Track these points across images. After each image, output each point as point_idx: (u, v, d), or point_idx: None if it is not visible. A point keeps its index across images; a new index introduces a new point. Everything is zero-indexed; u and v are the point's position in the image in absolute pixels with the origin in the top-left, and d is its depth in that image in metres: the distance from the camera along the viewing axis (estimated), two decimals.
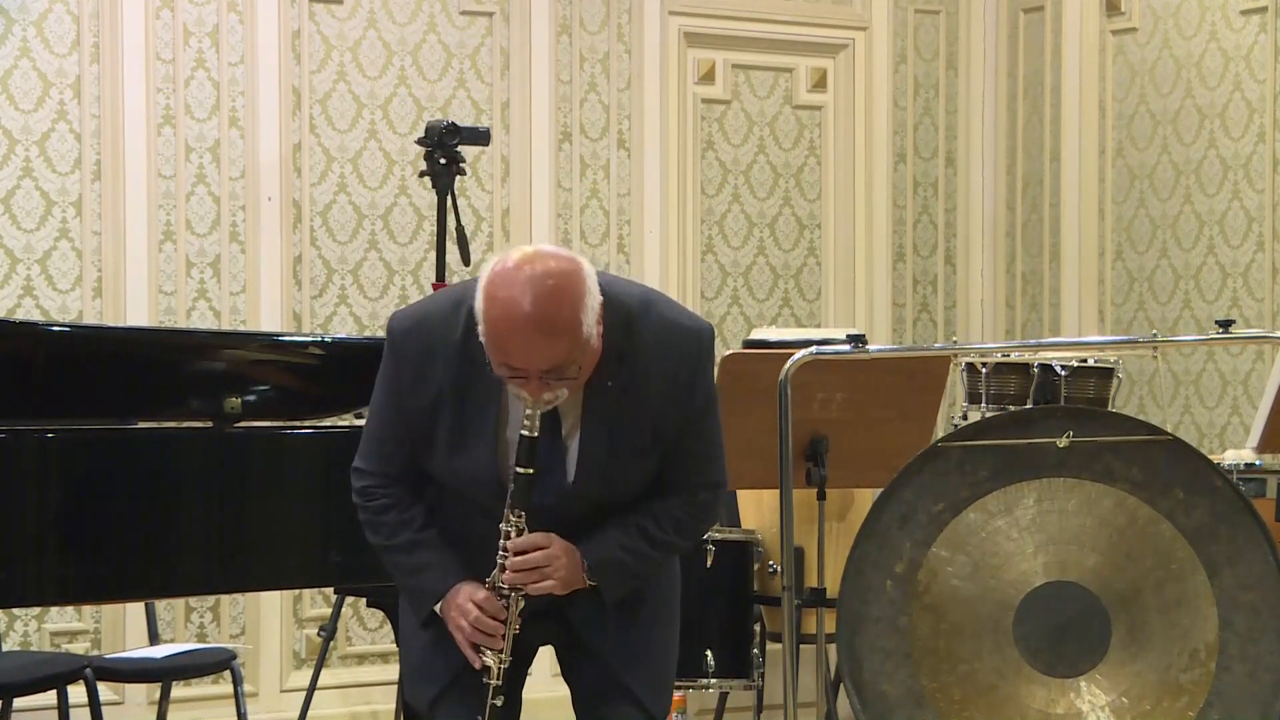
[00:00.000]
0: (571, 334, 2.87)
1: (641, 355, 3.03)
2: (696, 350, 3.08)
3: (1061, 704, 4.09)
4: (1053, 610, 4.09)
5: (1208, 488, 4.09)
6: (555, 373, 2.90)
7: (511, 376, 2.92)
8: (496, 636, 3.04)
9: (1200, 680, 4.07)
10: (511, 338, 2.87)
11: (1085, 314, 6.79)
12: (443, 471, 3.12)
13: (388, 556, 3.19)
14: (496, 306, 2.87)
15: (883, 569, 4.13)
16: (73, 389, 4.29)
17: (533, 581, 3.04)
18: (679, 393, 3.06)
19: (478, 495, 3.10)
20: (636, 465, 3.09)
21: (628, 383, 3.03)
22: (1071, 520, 4.12)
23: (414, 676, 3.25)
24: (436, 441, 3.09)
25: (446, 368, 3.04)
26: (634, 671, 3.19)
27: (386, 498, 3.17)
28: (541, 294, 2.85)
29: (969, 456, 4.13)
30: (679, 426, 3.08)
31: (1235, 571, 4.07)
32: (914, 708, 4.11)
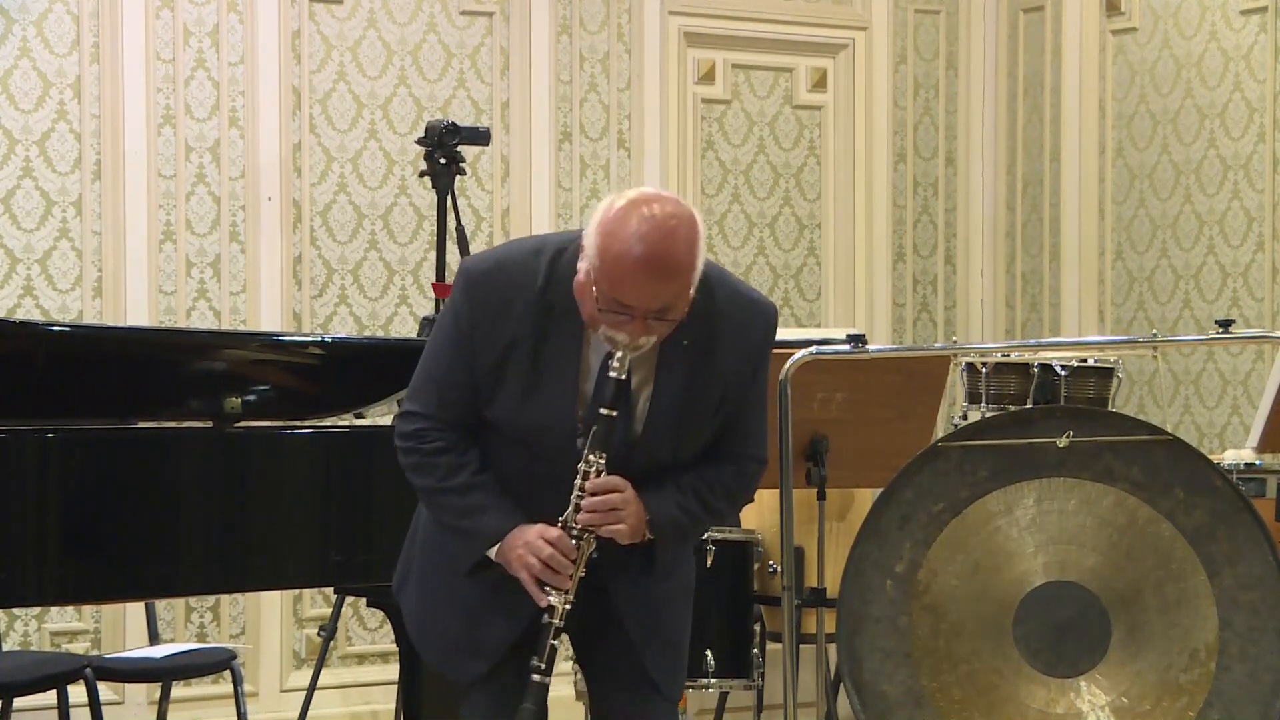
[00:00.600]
0: (686, 276, 2.93)
1: (716, 319, 3.08)
2: (766, 324, 3.15)
3: (1061, 704, 4.09)
4: (1053, 610, 4.10)
5: (1208, 488, 4.09)
6: (661, 314, 2.95)
7: (616, 315, 2.95)
8: (564, 576, 3.01)
9: (1200, 680, 4.07)
10: (632, 276, 2.90)
11: (1085, 314, 6.79)
12: (510, 418, 3.09)
13: (440, 499, 3.13)
14: (618, 244, 2.90)
15: (883, 569, 4.14)
16: (73, 389, 4.29)
17: (608, 524, 3.03)
18: (748, 361, 3.12)
19: (543, 444, 3.08)
20: (700, 426, 3.12)
21: (703, 343, 3.07)
22: (1071, 520, 4.12)
23: (454, 653, 3.20)
24: (506, 388, 3.07)
25: (525, 315, 3.04)
26: (653, 651, 3.19)
27: (441, 440, 3.12)
28: (664, 234, 2.90)
29: (969, 456, 4.13)
30: (741, 394, 3.12)
31: (1235, 571, 4.07)
32: (914, 708, 4.11)
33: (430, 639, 3.27)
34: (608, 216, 2.94)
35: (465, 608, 3.18)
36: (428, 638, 3.27)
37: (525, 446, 3.11)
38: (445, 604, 3.21)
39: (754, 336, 3.13)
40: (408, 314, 6.24)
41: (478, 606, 3.16)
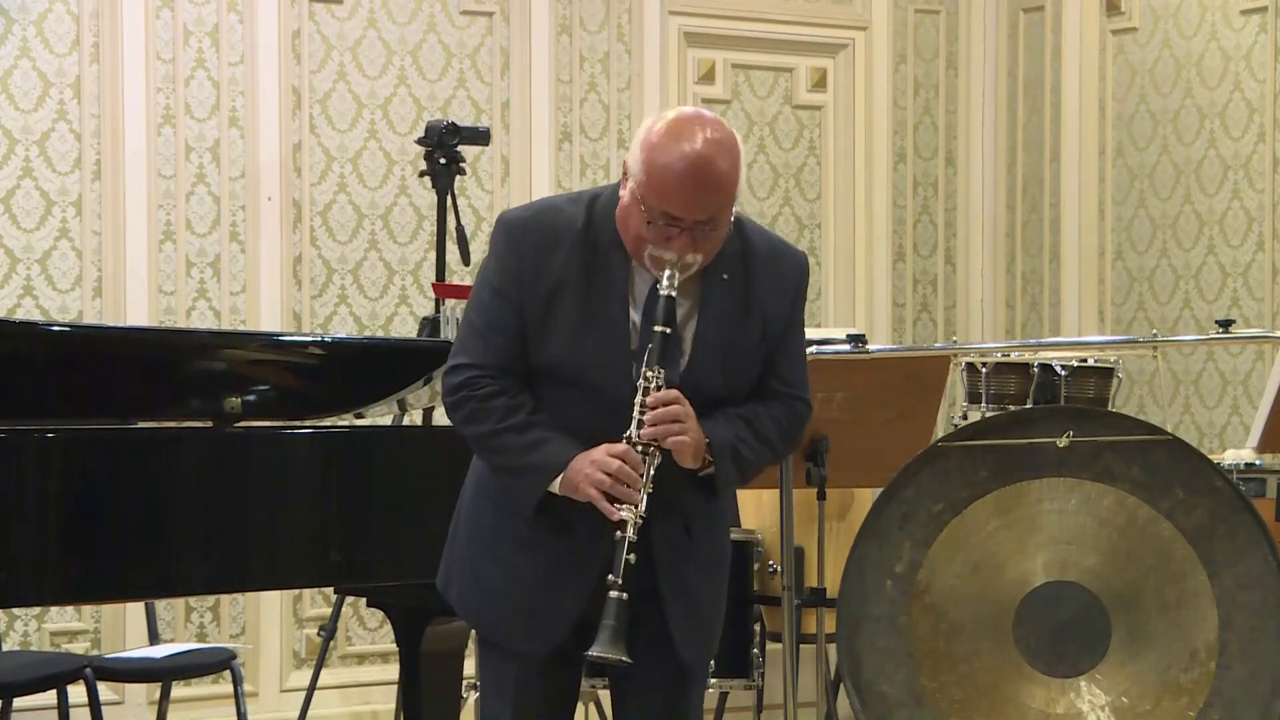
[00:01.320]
0: (731, 186, 3.02)
1: (752, 256, 3.15)
2: (800, 266, 3.23)
3: (1061, 704, 4.09)
4: (1053, 610, 4.10)
5: (1208, 488, 4.09)
6: (709, 226, 3.02)
7: (665, 229, 3.01)
8: (634, 489, 3.01)
9: (1200, 680, 4.07)
10: (680, 183, 2.97)
11: (1085, 314, 6.79)
12: (564, 358, 3.10)
13: (498, 440, 3.10)
14: (665, 155, 2.99)
15: (883, 569, 4.14)
16: (73, 389, 4.29)
17: (672, 434, 3.02)
18: (785, 298, 3.19)
19: (600, 382, 3.08)
20: (745, 360, 3.16)
21: (741, 277, 3.14)
22: (1071, 520, 4.12)
23: (518, 628, 3.16)
24: (557, 328, 3.09)
25: (569, 255, 3.09)
26: (678, 610, 3.16)
27: (494, 385, 3.12)
28: (712, 142, 3.00)
29: (969, 456, 4.13)
30: (781, 333, 3.18)
31: (1235, 571, 4.07)
32: (914, 708, 4.11)
33: (491, 617, 3.22)
34: (651, 133, 3.03)
35: (526, 582, 3.15)
36: (488, 617, 3.23)
37: (581, 390, 3.11)
38: (503, 580, 3.18)
39: (789, 275, 3.20)
40: (408, 314, 6.24)
41: (540, 580, 3.13)
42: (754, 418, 3.18)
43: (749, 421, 3.17)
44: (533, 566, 3.15)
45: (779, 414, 3.20)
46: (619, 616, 2.97)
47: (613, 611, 2.97)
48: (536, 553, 3.15)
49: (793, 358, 3.23)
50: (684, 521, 3.17)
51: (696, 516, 3.20)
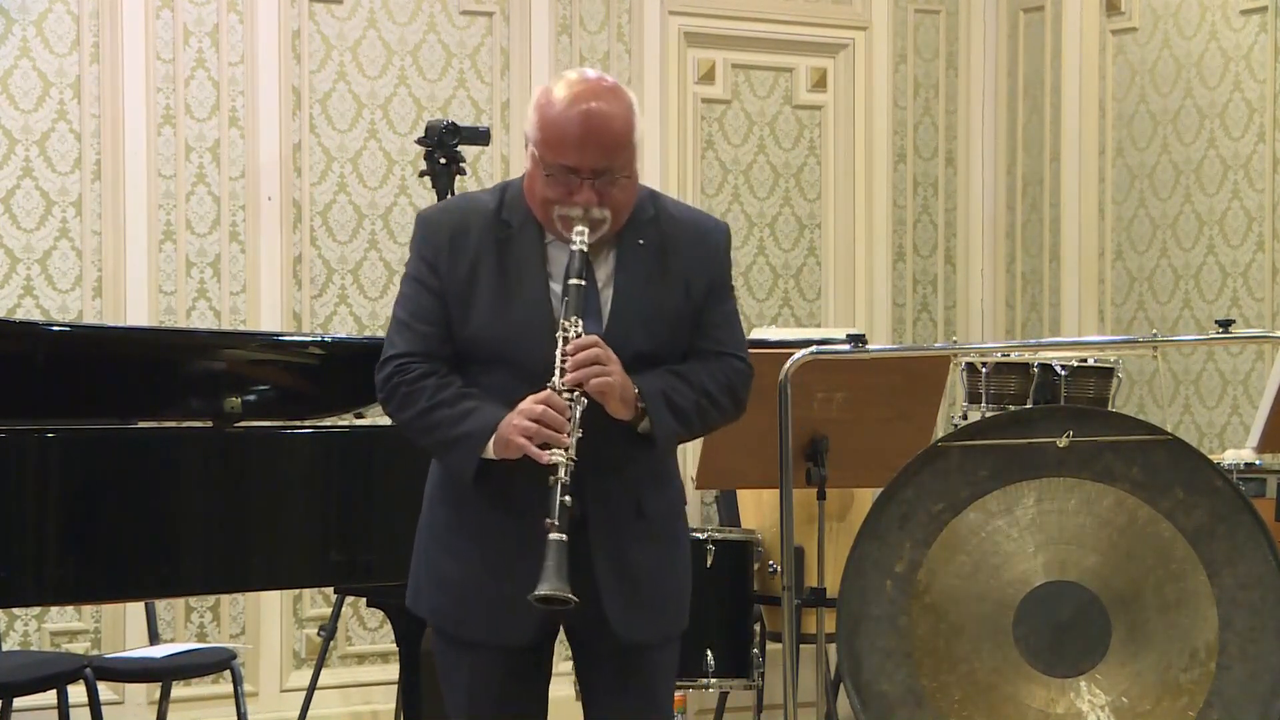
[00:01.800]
0: (624, 134, 3.11)
1: (668, 223, 3.23)
2: (722, 233, 3.30)
3: (1061, 704, 4.09)
4: (1053, 610, 4.10)
5: (1208, 488, 4.09)
6: (608, 175, 3.09)
7: (565, 183, 3.09)
8: (563, 433, 3.02)
9: (1200, 680, 4.07)
10: (571, 133, 3.07)
11: (1085, 314, 6.79)
12: (489, 330, 3.15)
13: (431, 416, 3.15)
14: (556, 106, 3.09)
15: (883, 569, 4.13)
16: (73, 389, 4.29)
17: (593, 376, 3.05)
18: (710, 265, 3.24)
19: (528, 348, 3.11)
20: (671, 324, 3.19)
21: (657, 243, 3.20)
22: (1071, 520, 4.12)
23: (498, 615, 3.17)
24: (479, 302, 3.16)
25: (484, 234, 3.18)
26: (613, 586, 3.17)
27: (423, 367, 3.17)
28: (600, 92, 3.11)
29: (969, 456, 4.13)
30: (707, 289, 3.23)
31: (1235, 571, 4.07)
32: (914, 708, 4.11)
33: (457, 613, 3.23)
34: (541, 94, 3.13)
35: (488, 572, 3.16)
36: (454, 615, 3.23)
37: (510, 364, 3.14)
38: (463, 573, 3.20)
39: (709, 241, 3.26)
40: None
41: (503, 570, 3.14)
42: (686, 371, 3.21)
43: (680, 374, 3.20)
44: (492, 557, 3.17)
45: (714, 369, 3.23)
46: (559, 557, 2.97)
47: (553, 552, 2.98)
48: (494, 543, 3.17)
49: (725, 319, 3.27)
50: (637, 502, 3.20)
51: (650, 493, 3.22)
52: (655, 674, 3.28)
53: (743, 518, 5.86)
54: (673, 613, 3.29)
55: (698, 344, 3.23)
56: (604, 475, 3.14)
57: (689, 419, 3.19)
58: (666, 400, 3.15)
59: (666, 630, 3.28)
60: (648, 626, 3.23)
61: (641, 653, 3.23)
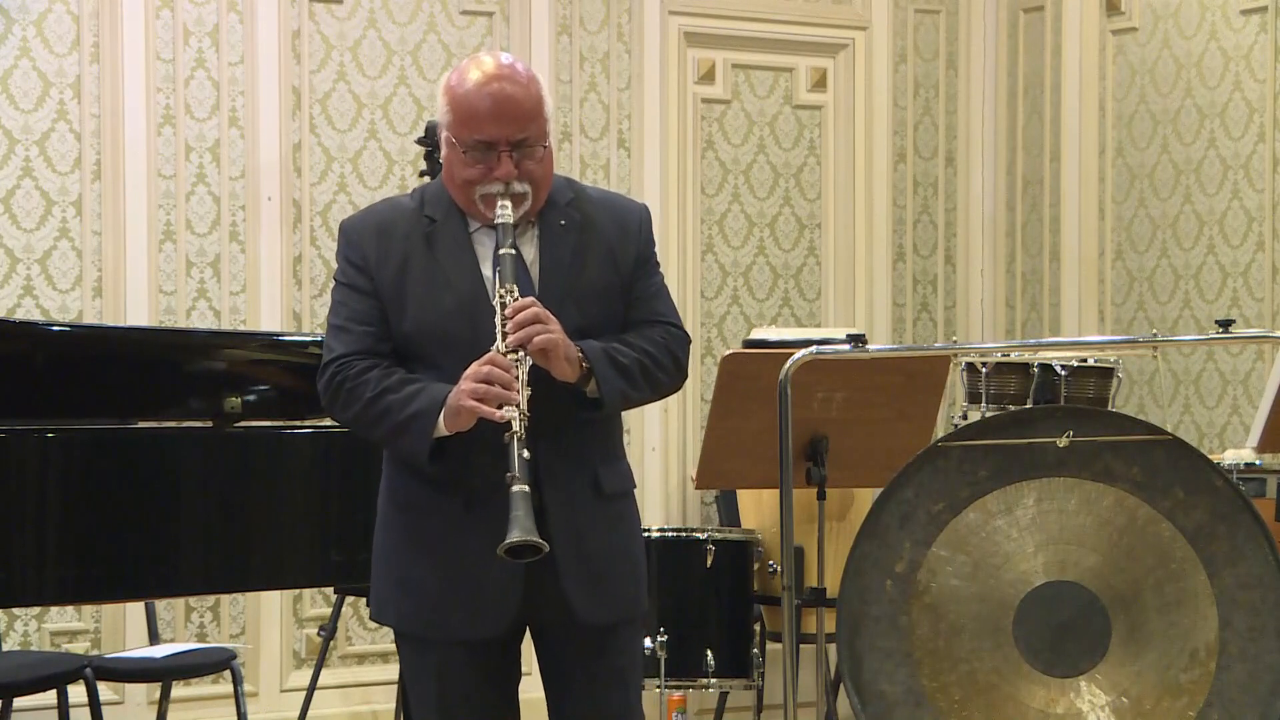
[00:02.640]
0: (532, 102, 3.18)
1: (588, 204, 3.30)
2: (641, 211, 3.37)
3: (1061, 704, 4.09)
4: (1053, 610, 4.09)
5: (1208, 487, 4.09)
6: (524, 146, 3.15)
7: (483, 159, 3.15)
8: (510, 389, 3.04)
9: (1200, 680, 4.07)
10: (482, 106, 3.14)
11: (1085, 314, 6.79)
12: (427, 316, 3.18)
13: (378, 404, 3.15)
14: (462, 85, 3.17)
15: (883, 569, 4.13)
16: (73, 389, 4.29)
17: (536, 334, 3.07)
18: (633, 242, 3.30)
19: (467, 332, 3.14)
20: (602, 298, 3.24)
21: (579, 222, 3.27)
22: (1071, 520, 4.12)
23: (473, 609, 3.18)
24: (413, 292, 3.19)
25: (410, 232, 3.23)
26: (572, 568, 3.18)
27: (364, 362, 3.19)
28: (504, 64, 3.21)
29: (969, 456, 4.13)
30: (634, 262, 3.29)
31: (1235, 571, 4.07)
32: (914, 708, 4.11)
33: (433, 616, 3.22)
34: (447, 79, 3.22)
35: (461, 568, 3.17)
36: (430, 618, 3.22)
37: (451, 350, 3.15)
38: (436, 574, 3.19)
39: (630, 219, 3.32)
40: None
41: (475, 563, 3.14)
42: (625, 336, 3.25)
43: (622, 339, 3.24)
44: (461, 553, 3.17)
45: (651, 335, 3.28)
46: (525, 506, 2.99)
47: (519, 502, 2.99)
48: (462, 539, 3.17)
49: (656, 290, 3.33)
50: (594, 475, 3.22)
51: (604, 468, 3.24)
52: (621, 656, 3.29)
53: (743, 518, 5.86)
54: (632, 593, 3.30)
55: (632, 315, 3.29)
56: (558, 454, 3.16)
57: (633, 377, 3.22)
58: (609, 358, 3.18)
59: (627, 611, 3.29)
60: (609, 608, 3.24)
61: (604, 635, 3.25)
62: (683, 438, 6.58)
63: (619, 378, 3.18)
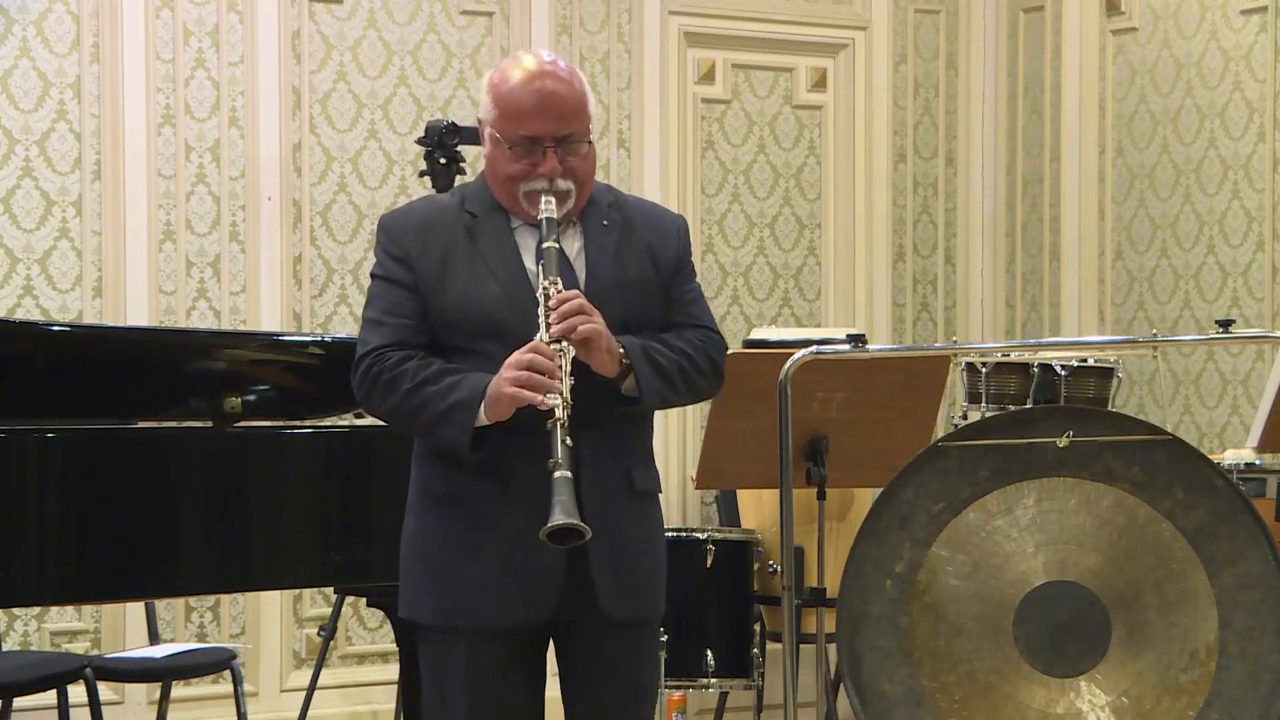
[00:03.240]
0: (578, 99, 3.20)
1: (628, 208, 3.33)
2: (677, 219, 3.40)
3: (1061, 704, 4.09)
4: (1053, 610, 4.10)
5: (1208, 487, 4.09)
6: (569, 142, 3.17)
7: (529, 155, 3.17)
8: (553, 377, 3.05)
9: (1200, 680, 4.07)
10: (529, 100, 3.17)
11: (1085, 314, 6.79)
12: (470, 299, 3.18)
13: (417, 395, 3.15)
14: (508, 82, 3.20)
15: (883, 569, 4.13)
16: (73, 389, 4.29)
17: (580, 323, 3.08)
18: (671, 247, 3.32)
19: (510, 317, 3.15)
20: (643, 293, 3.26)
21: (620, 223, 3.29)
22: (1071, 520, 4.12)
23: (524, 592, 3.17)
24: (456, 278, 3.19)
25: (452, 225, 3.24)
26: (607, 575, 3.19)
27: (401, 353, 3.19)
28: (548, 63, 3.23)
29: (969, 456, 4.13)
30: (674, 265, 3.32)
31: (1235, 571, 4.07)
32: (914, 708, 4.11)
33: (478, 604, 3.20)
34: (492, 77, 3.25)
35: (504, 557, 3.16)
36: (475, 606, 3.20)
37: (492, 335, 3.16)
38: (480, 565, 3.18)
39: (667, 226, 3.35)
40: None
41: (517, 551, 3.14)
42: (664, 336, 3.26)
43: (659, 338, 3.25)
44: (500, 544, 3.17)
45: (690, 336, 3.29)
46: (567, 491, 3.00)
47: (562, 488, 3.00)
48: (499, 531, 3.17)
49: (694, 296, 3.35)
50: (628, 472, 3.23)
51: (637, 467, 3.25)
52: (640, 656, 3.29)
53: (743, 518, 5.86)
54: (655, 594, 3.31)
55: (671, 317, 3.30)
56: (595, 446, 3.16)
57: (671, 377, 3.22)
58: (648, 357, 3.19)
59: (649, 611, 3.30)
60: (634, 604, 3.24)
61: (626, 633, 3.24)
62: (683, 438, 6.58)
63: (656, 377, 3.20)
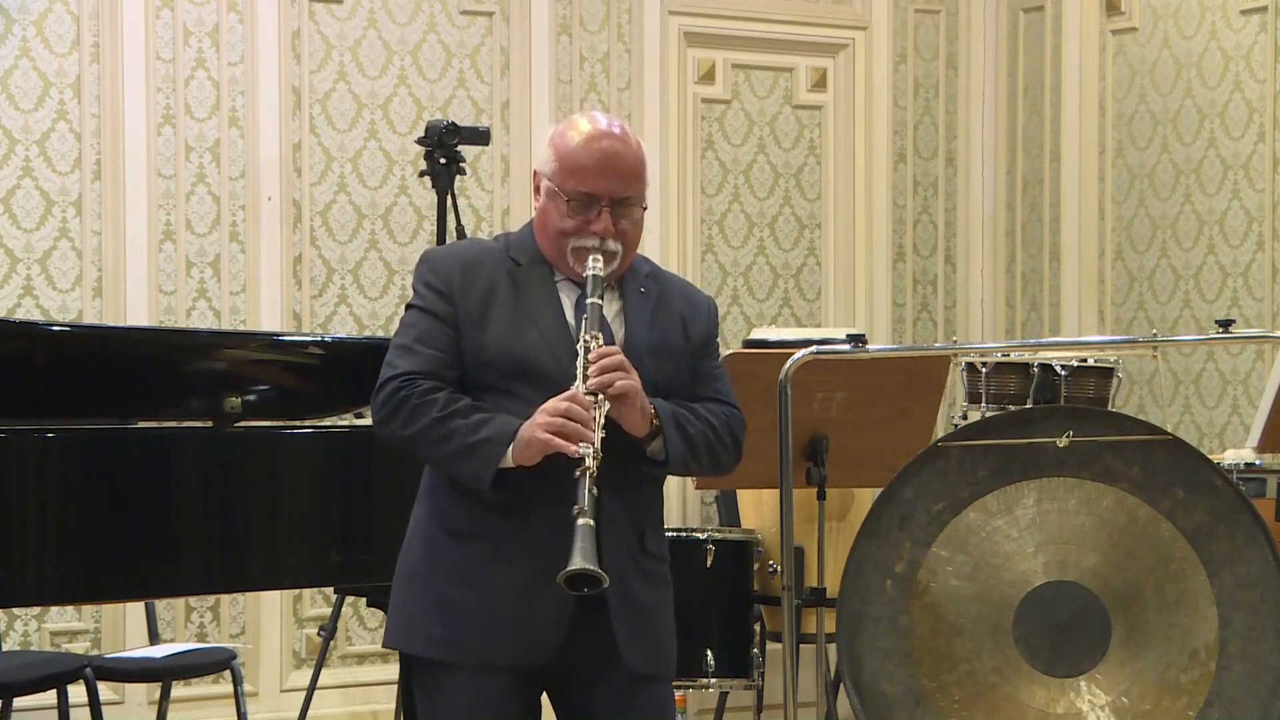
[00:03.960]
0: (640, 163, 3.26)
1: (663, 280, 3.38)
2: (709, 301, 3.45)
3: (1061, 704, 4.09)
4: (1053, 610, 4.10)
5: (1208, 487, 4.09)
6: (625, 205, 3.21)
7: (584, 211, 3.19)
8: (587, 427, 3.06)
9: (1200, 680, 4.07)
10: (592, 157, 3.20)
11: (1085, 314, 6.79)
12: (508, 342, 3.18)
13: (444, 426, 3.14)
14: (575, 138, 3.22)
15: (883, 569, 4.13)
16: (73, 389, 4.29)
17: (618, 379, 3.10)
18: (700, 311, 3.38)
19: (548, 364, 3.16)
20: (676, 360, 3.29)
21: (656, 292, 3.33)
22: (1071, 520, 4.12)
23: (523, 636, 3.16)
24: (496, 320, 3.20)
25: (496, 268, 3.25)
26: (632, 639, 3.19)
27: (430, 382, 3.18)
28: (615, 123, 3.28)
29: (969, 456, 4.13)
30: (704, 339, 3.36)
31: (1235, 571, 4.07)
32: (914, 708, 4.11)
33: (476, 640, 3.18)
34: (556, 132, 3.27)
35: (509, 598, 3.15)
36: (474, 641, 3.18)
37: (528, 380, 3.16)
38: (484, 602, 3.17)
39: (701, 302, 3.41)
40: None
41: (523, 593, 3.13)
42: (693, 405, 3.29)
43: (688, 406, 3.28)
44: (511, 583, 3.16)
45: (715, 410, 3.32)
46: (588, 539, 3.00)
47: (583, 534, 3.00)
48: (511, 570, 3.16)
49: (720, 374, 3.41)
50: (640, 534, 3.24)
51: (650, 530, 3.27)
52: (655, 711, 3.28)
53: (743, 518, 5.86)
54: (669, 651, 3.32)
55: (698, 391, 3.33)
56: (616, 504, 3.16)
57: (696, 446, 3.25)
58: (677, 422, 3.22)
59: (665, 667, 3.30)
60: (652, 658, 3.25)
61: (645, 686, 3.24)
62: None
63: (683, 442, 3.22)
